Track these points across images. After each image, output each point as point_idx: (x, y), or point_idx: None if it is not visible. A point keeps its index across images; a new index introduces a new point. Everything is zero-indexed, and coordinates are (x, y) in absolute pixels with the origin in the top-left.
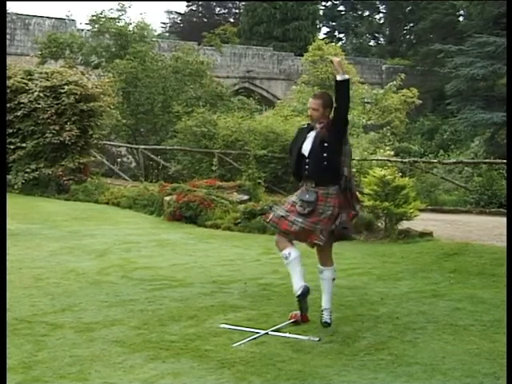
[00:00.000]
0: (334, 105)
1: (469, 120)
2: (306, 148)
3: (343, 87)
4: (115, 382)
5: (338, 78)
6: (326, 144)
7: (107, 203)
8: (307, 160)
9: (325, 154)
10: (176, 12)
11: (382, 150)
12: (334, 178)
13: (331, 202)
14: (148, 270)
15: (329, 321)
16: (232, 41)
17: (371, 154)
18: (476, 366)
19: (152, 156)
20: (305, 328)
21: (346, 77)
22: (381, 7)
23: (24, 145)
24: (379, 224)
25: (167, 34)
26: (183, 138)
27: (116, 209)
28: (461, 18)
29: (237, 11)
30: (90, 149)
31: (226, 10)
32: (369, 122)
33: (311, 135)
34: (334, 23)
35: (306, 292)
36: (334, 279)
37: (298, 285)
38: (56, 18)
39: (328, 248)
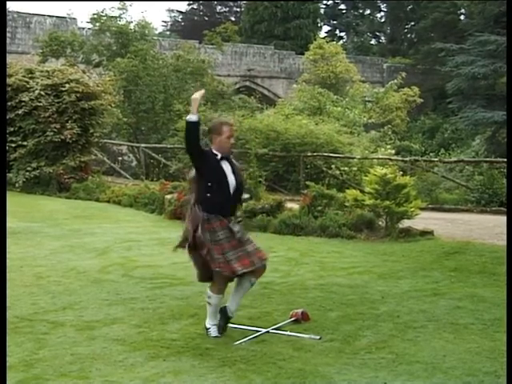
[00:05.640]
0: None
1: (470, 119)
2: (232, 182)
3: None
4: (116, 380)
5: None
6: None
7: (108, 202)
8: (232, 194)
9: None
10: (177, 10)
11: (382, 149)
12: None
13: None
14: (149, 268)
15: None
16: (233, 39)
17: (372, 152)
18: (477, 365)
19: (153, 154)
20: (305, 326)
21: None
22: (382, 6)
23: (25, 143)
24: (380, 223)
25: (168, 33)
26: (184, 136)
27: (117, 207)
28: (462, 17)
29: (238, 10)
30: (90, 147)
31: (227, 9)
32: (370, 121)
33: (227, 167)
34: (335, 22)
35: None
36: None
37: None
38: (57, 17)
39: None
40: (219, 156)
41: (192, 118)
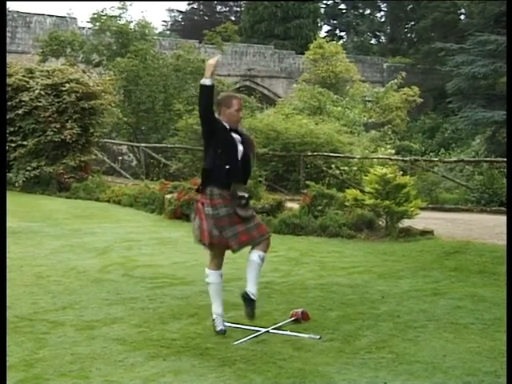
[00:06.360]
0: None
1: (470, 118)
2: (240, 149)
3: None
4: (116, 379)
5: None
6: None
7: (108, 201)
8: (240, 161)
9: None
10: (177, 10)
11: (382, 149)
12: None
13: None
14: (149, 268)
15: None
16: (233, 39)
17: (372, 152)
18: (477, 365)
19: (153, 154)
20: (305, 326)
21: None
22: (382, 5)
23: (25, 143)
24: (380, 222)
25: (168, 32)
26: (184, 136)
27: (117, 207)
28: (462, 17)
29: (238, 9)
30: (91, 147)
31: (227, 8)
32: (370, 121)
33: (236, 136)
34: (335, 21)
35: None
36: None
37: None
38: (57, 16)
39: None
40: (228, 127)
41: (206, 81)
